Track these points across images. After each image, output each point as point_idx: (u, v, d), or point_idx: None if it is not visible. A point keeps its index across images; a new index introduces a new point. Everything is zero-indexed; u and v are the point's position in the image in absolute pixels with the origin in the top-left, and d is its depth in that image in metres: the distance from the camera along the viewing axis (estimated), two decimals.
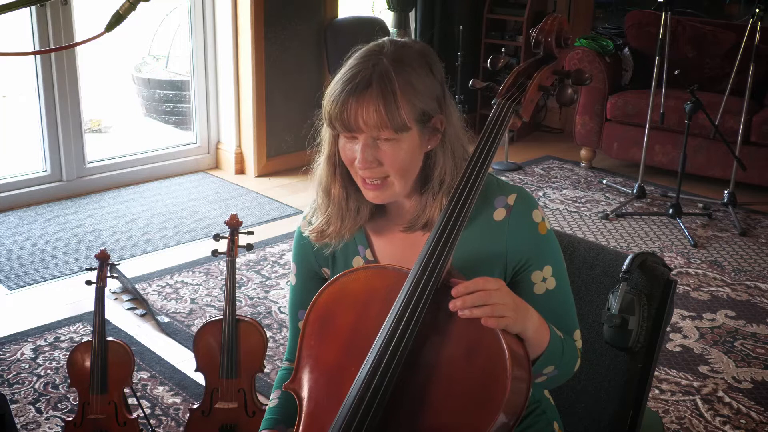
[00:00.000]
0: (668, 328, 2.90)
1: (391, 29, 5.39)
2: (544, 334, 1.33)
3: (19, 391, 2.76)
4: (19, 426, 2.56)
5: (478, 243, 1.41)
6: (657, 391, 2.81)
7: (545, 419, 1.52)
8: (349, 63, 1.36)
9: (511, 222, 1.41)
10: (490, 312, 1.21)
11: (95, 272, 2.39)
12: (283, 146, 5.03)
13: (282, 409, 1.56)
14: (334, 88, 1.35)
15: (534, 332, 1.30)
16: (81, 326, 3.17)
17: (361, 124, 1.32)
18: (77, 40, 4.33)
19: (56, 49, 4.56)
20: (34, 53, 4.45)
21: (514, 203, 1.42)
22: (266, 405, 2.40)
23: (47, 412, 2.65)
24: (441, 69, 1.41)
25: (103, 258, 2.40)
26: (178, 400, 2.74)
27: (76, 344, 2.50)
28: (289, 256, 3.77)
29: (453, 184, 1.37)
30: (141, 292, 3.44)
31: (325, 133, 1.44)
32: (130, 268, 3.66)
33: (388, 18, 5.50)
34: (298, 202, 4.53)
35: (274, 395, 1.59)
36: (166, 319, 3.25)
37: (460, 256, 1.40)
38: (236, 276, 3.14)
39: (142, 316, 3.30)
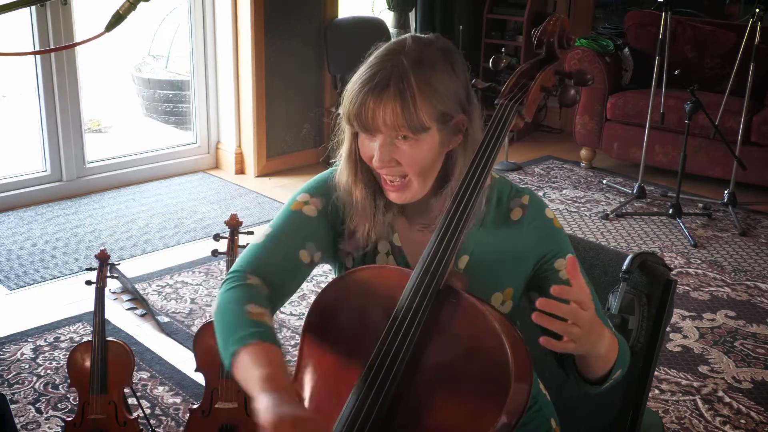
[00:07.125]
0: (668, 328, 2.90)
1: (391, 29, 5.38)
2: (614, 348, 1.31)
3: (19, 391, 2.76)
4: (19, 426, 2.56)
5: (498, 242, 1.42)
6: (657, 391, 2.81)
7: (542, 416, 1.52)
8: (370, 61, 1.34)
9: (528, 219, 1.44)
10: (564, 330, 1.15)
11: (95, 272, 2.40)
12: (283, 146, 5.03)
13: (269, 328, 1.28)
14: (353, 86, 1.33)
15: (606, 351, 1.28)
16: (81, 326, 3.17)
17: (380, 124, 1.31)
18: (77, 40, 4.33)
19: (56, 49, 4.56)
20: (34, 53, 4.45)
21: (529, 203, 1.45)
22: None
23: (47, 412, 2.65)
24: (464, 68, 1.38)
25: (103, 258, 2.40)
26: (178, 400, 2.74)
27: (76, 344, 2.50)
28: None
29: None
30: (141, 292, 3.44)
31: (345, 129, 1.41)
32: (130, 268, 3.66)
33: (388, 18, 5.49)
34: None
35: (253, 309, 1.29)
36: (166, 319, 3.25)
37: (480, 255, 1.41)
38: None
39: (142, 316, 3.30)
